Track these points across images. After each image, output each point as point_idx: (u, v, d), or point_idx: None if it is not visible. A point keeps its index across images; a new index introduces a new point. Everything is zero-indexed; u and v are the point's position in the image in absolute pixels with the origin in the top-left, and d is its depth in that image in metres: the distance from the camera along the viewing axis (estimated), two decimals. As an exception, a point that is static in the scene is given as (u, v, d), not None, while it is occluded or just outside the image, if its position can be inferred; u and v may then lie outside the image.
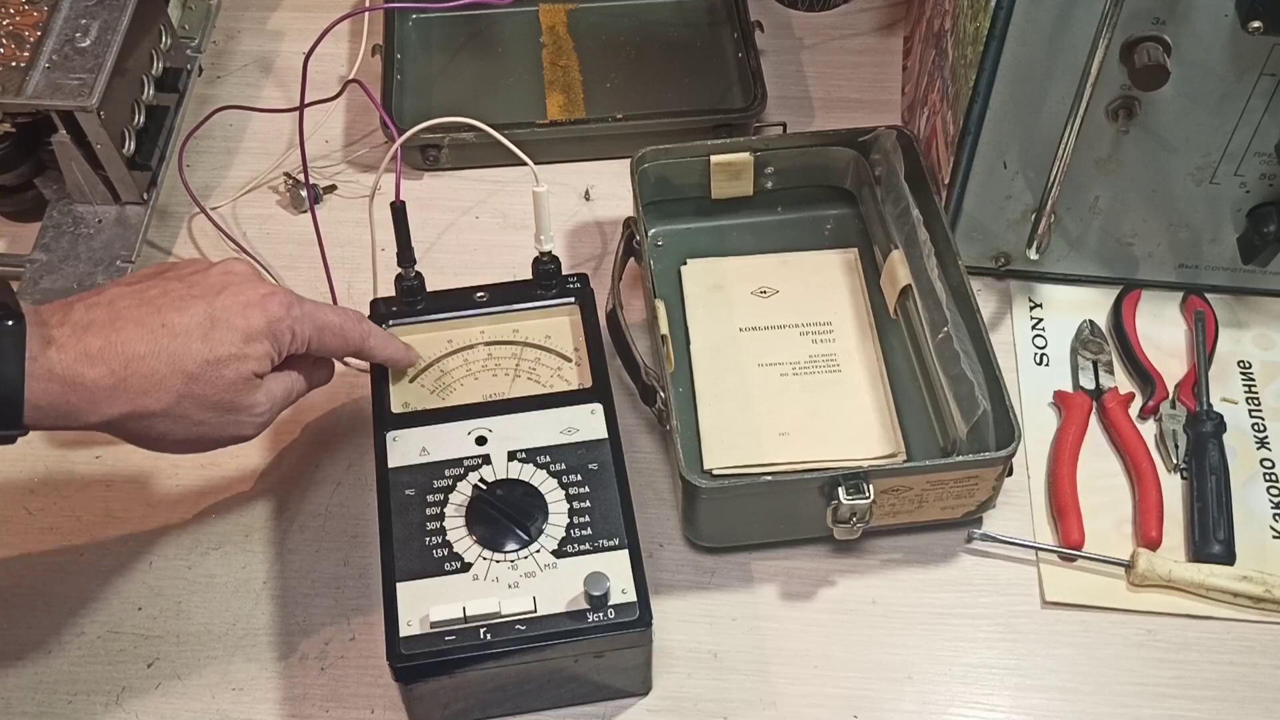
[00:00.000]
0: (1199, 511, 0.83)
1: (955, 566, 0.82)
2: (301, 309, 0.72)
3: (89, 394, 0.65)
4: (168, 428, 0.69)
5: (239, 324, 0.69)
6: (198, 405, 0.69)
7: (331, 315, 0.75)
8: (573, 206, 1.02)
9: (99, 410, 0.66)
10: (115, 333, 0.66)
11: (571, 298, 0.84)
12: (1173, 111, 0.83)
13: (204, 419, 0.70)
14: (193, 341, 0.68)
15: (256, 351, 0.70)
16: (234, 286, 0.71)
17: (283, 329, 0.71)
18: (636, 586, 0.71)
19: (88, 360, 0.65)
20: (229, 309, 0.69)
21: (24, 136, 0.92)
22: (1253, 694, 0.77)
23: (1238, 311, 0.94)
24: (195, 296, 0.69)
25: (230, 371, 0.69)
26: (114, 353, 0.66)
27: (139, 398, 0.67)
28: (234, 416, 0.71)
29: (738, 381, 0.89)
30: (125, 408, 0.66)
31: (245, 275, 0.72)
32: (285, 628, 0.79)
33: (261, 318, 0.70)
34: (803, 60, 1.12)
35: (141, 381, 0.66)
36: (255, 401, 0.71)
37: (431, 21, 1.13)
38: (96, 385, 0.65)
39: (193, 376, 0.68)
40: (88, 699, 0.77)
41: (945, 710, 0.77)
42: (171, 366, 0.67)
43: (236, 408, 0.70)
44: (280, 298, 0.71)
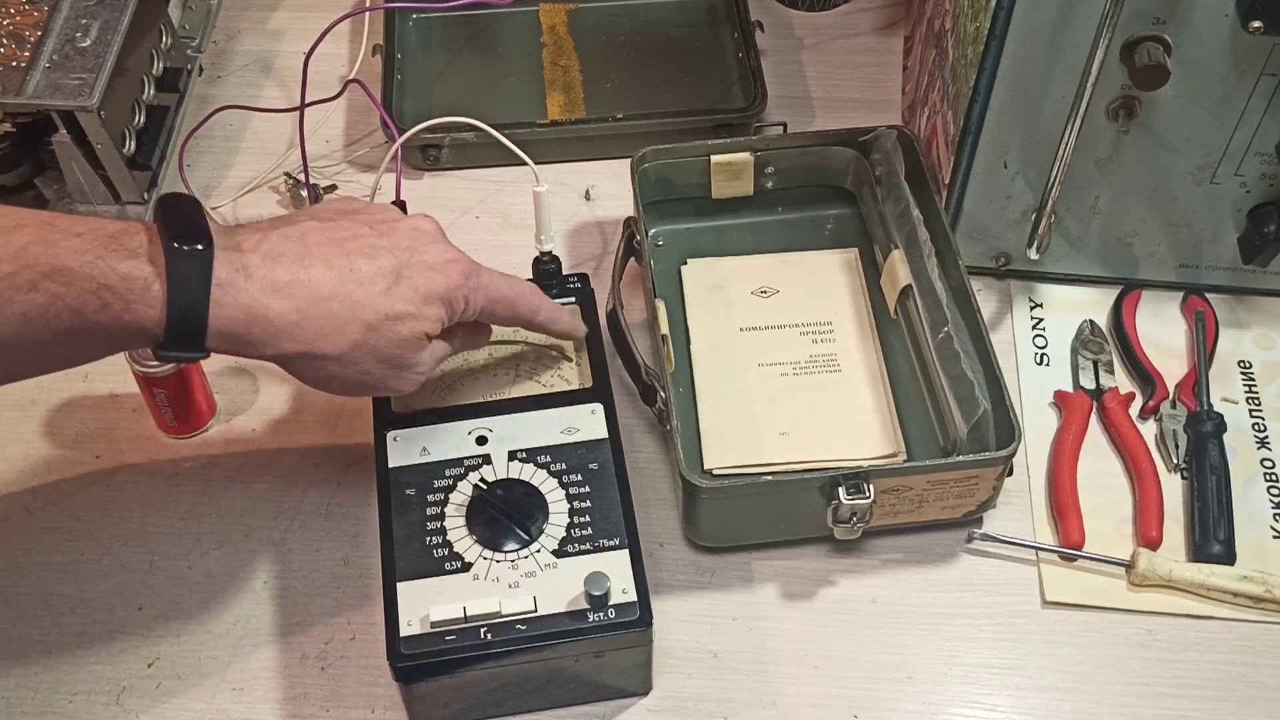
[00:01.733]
0: (1199, 511, 0.83)
1: (955, 566, 0.82)
2: (479, 279, 0.73)
3: (271, 327, 0.65)
4: (337, 371, 0.69)
5: (421, 284, 0.70)
6: (369, 355, 0.69)
7: (506, 288, 0.75)
8: (573, 206, 1.02)
9: (277, 344, 0.66)
10: (304, 269, 0.66)
11: (572, 297, 0.84)
12: (1173, 111, 0.83)
13: (371, 369, 0.70)
14: (376, 293, 0.68)
15: (432, 314, 0.70)
16: (421, 245, 0.71)
17: (459, 297, 0.72)
18: (637, 586, 0.71)
19: (274, 292, 0.65)
20: (414, 267, 0.70)
21: (24, 136, 0.92)
22: (1253, 694, 0.77)
23: (1238, 311, 0.94)
24: (384, 248, 0.69)
25: (405, 328, 0.69)
26: (300, 289, 0.66)
27: (317, 339, 0.67)
28: (398, 371, 0.71)
29: (738, 381, 0.89)
30: (302, 346, 0.67)
31: (433, 235, 0.73)
32: (285, 628, 0.79)
33: (443, 282, 0.71)
34: (803, 60, 1.12)
35: (322, 323, 0.67)
36: (420, 360, 0.72)
37: (432, 21, 1.13)
38: (280, 320, 0.65)
39: (370, 327, 0.68)
40: (88, 699, 0.77)
41: (945, 710, 0.77)
42: (353, 313, 0.67)
43: (404, 363, 0.71)
44: (461, 265, 0.72)
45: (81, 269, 0.61)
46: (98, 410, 0.89)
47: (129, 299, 0.62)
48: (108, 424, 0.88)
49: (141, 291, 0.62)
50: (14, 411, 0.89)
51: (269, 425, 0.88)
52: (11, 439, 0.88)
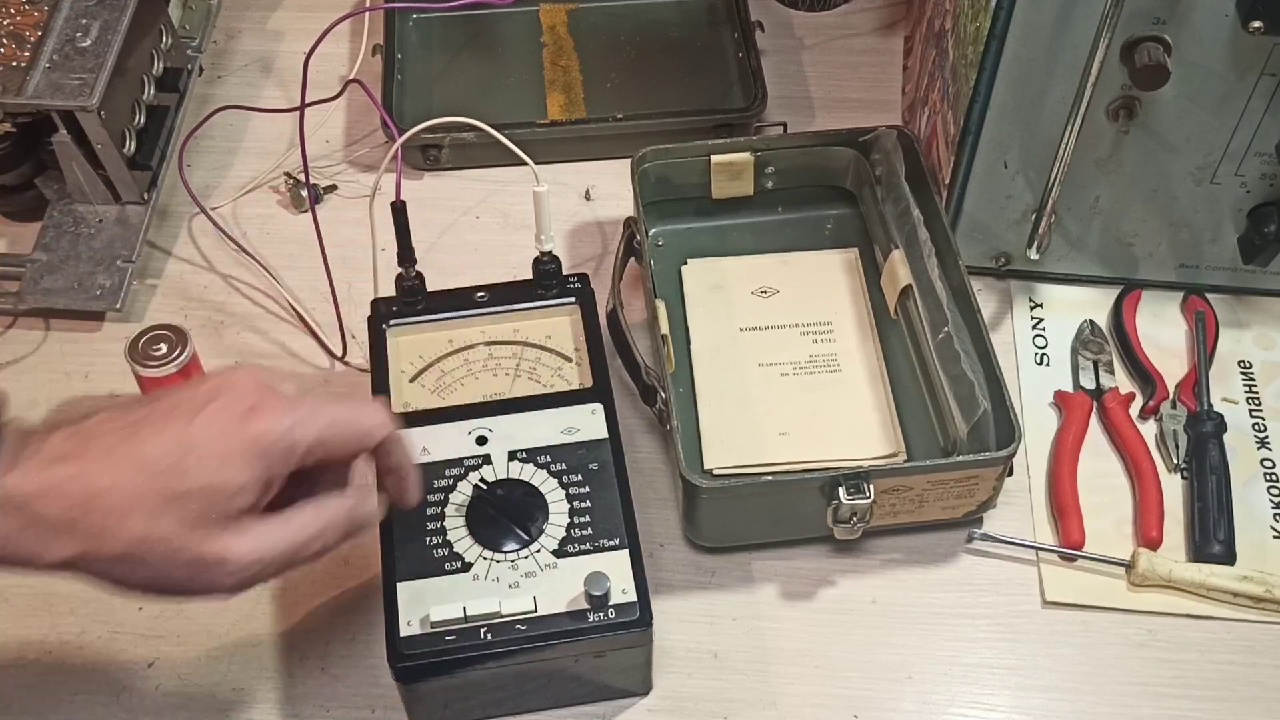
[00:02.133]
0: (1199, 511, 0.83)
1: (955, 566, 0.82)
2: (298, 411, 0.60)
3: (43, 532, 0.57)
4: (127, 572, 0.59)
5: (216, 447, 0.58)
6: (157, 550, 0.58)
7: (340, 407, 0.63)
8: (573, 206, 1.02)
9: (52, 549, 0.57)
10: (82, 462, 0.58)
11: (572, 298, 0.84)
12: (1173, 111, 0.83)
13: (167, 569, 0.58)
14: (158, 474, 0.57)
15: (235, 481, 0.58)
16: (219, 400, 0.59)
17: (274, 445, 0.59)
18: (637, 586, 0.71)
19: (45, 494, 0.57)
20: (207, 430, 0.58)
21: (24, 136, 0.92)
22: (1253, 694, 0.77)
23: (1238, 311, 0.94)
24: (173, 418, 0.59)
25: (195, 510, 0.58)
26: (76, 486, 0.57)
27: (94, 538, 0.57)
28: (201, 570, 0.59)
29: (738, 381, 0.89)
30: (79, 548, 0.57)
31: (240, 386, 0.60)
32: (285, 627, 0.79)
33: (244, 435, 0.58)
34: (803, 60, 1.12)
35: (99, 519, 0.57)
36: (227, 554, 0.59)
37: (432, 21, 1.13)
38: (53, 521, 0.57)
39: (154, 517, 0.57)
40: (88, 699, 0.77)
41: (945, 710, 0.77)
42: (132, 504, 0.57)
43: (200, 560, 0.58)
44: (273, 405, 0.60)
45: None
46: (98, 410, 0.89)
47: None
48: (108, 424, 0.88)
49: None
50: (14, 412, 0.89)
51: (269, 425, 0.88)
52: (11, 439, 0.87)
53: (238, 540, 0.59)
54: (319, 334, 0.93)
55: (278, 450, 0.59)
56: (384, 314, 0.83)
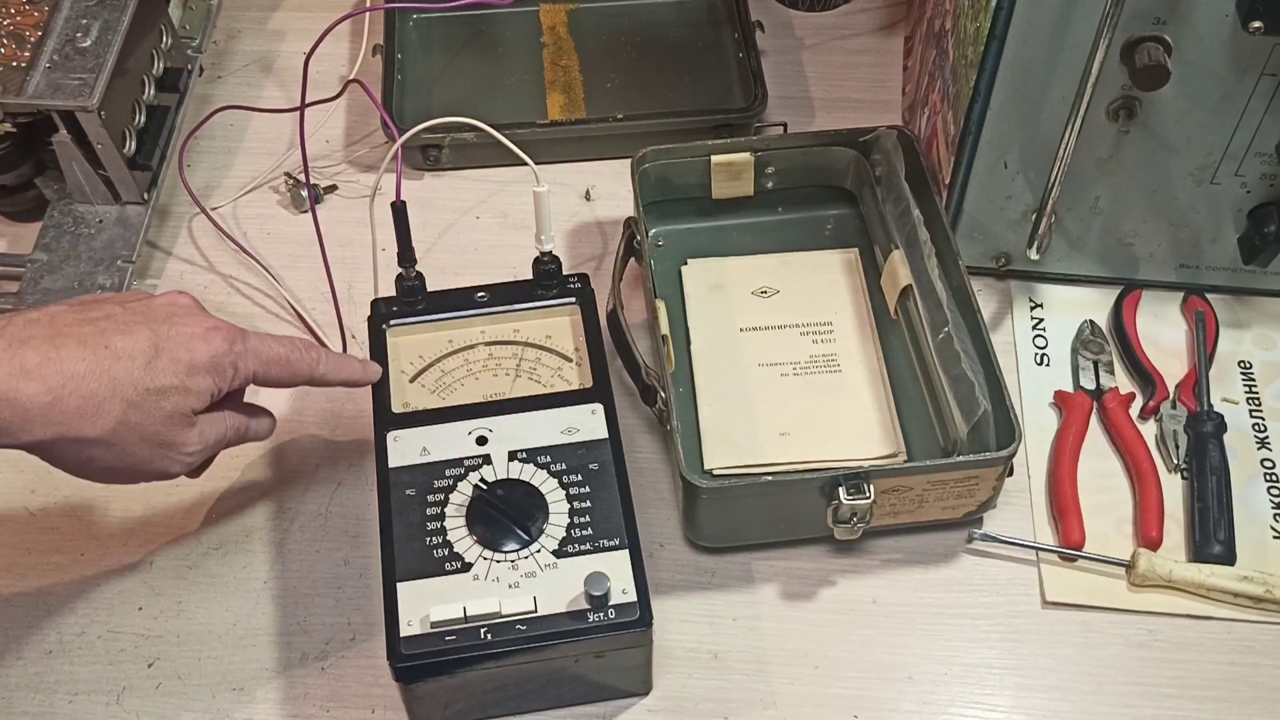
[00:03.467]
0: (1199, 512, 0.83)
1: (955, 566, 0.82)
2: (245, 344, 0.71)
3: (23, 411, 0.62)
4: (99, 454, 0.66)
5: (183, 355, 0.67)
6: (132, 434, 0.66)
7: (277, 347, 0.73)
8: (573, 206, 1.02)
9: (30, 430, 0.63)
10: (55, 349, 0.63)
11: (572, 298, 0.84)
12: (1173, 111, 0.83)
13: (135, 450, 0.67)
14: (135, 367, 0.65)
15: (198, 386, 0.68)
16: (179, 317, 0.69)
17: (225, 364, 0.69)
18: (637, 586, 0.71)
19: (24, 375, 0.62)
20: (173, 339, 0.67)
21: (25, 136, 0.92)
22: (1253, 694, 0.77)
23: (1238, 311, 0.94)
24: (139, 323, 0.67)
25: (169, 404, 0.67)
26: (52, 369, 0.63)
27: (75, 420, 0.64)
28: (164, 452, 0.68)
29: (738, 381, 0.89)
30: (58, 430, 0.63)
31: (190, 307, 0.70)
32: (285, 628, 0.79)
33: (205, 351, 0.68)
34: (803, 60, 1.12)
35: (79, 403, 0.63)
36: (188, 440, 0.69)
37: (432, 21, 1.13)
38: (31, 402, 0.62)
39: (132, 404, 0.65)
40: (88, 699, 0.77)
41: (945, 710, 0.77)
42: (112, 390, 0.64)
43: (169, 442, 0.68)
44: (224, 332, 0.70)
45: None
46: None
47: None
48: (108, 424, 0.88)
49: None
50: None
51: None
52: (12, 439, 0.88)
53: (191, 430, 0.69)
54: (319, 334, 0.93)
55: (226, 371, 0.70)
56: (384, 314, 0.83)
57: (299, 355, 0.74)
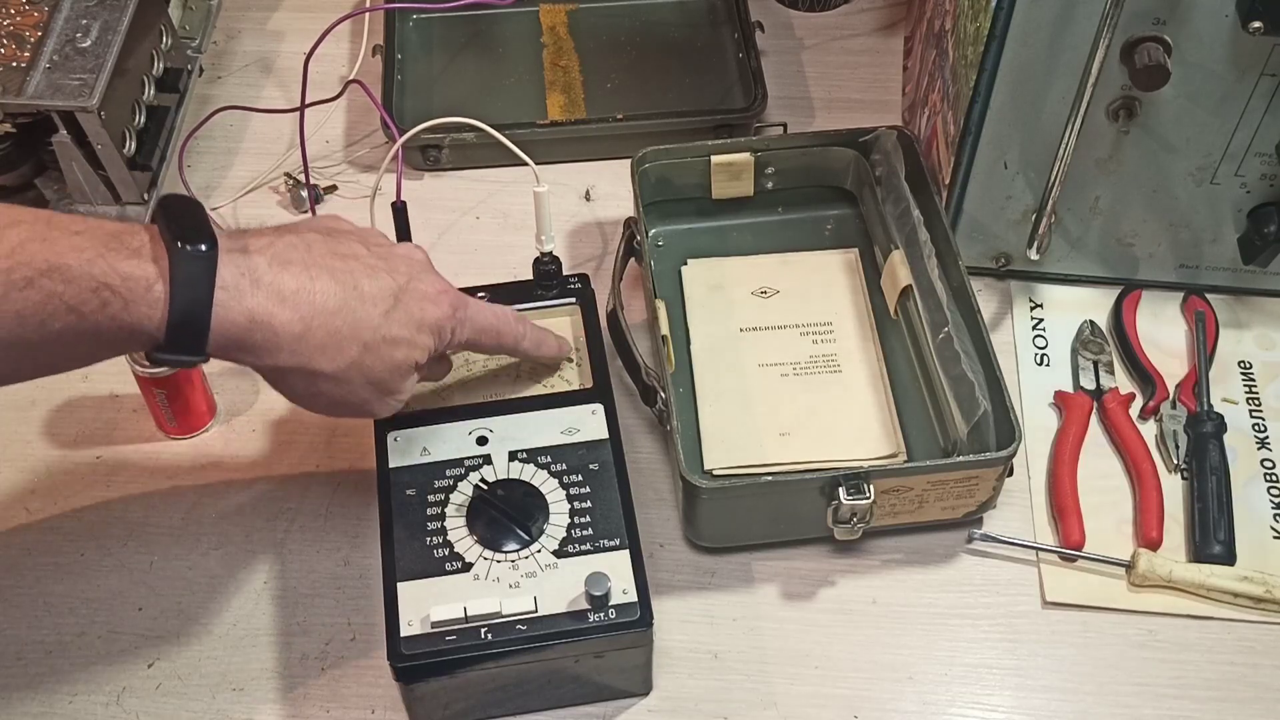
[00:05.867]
0: (1199, 512, 0.83)
1: (955, 567, 0.82)
2: (466, 311, 0.73)
3: (275, 337, 0.64)
4: (328, 388, 0.68)
5: (416, 312, 0.70)
6: (361, 375, 0.68)
7: (490, 318, 0.75)
8: (573, 207, 1.02)
9: (277, 355, 0.65)
10: (310, 279, 0.65)
11: (572, 298, 0.84)
12: (1173, 112, 0.83)
13: (360, 390, 0.69)
14: (376, 314, 0.67)
15: (423, 342, 0.70)
16: (416, 273, 0.71)
17: (448, 328, 0.72)
18: (637, 586, 0.71)
19: (280, 300, 0.64)
20: (411, 294, 0.70)
21: (25, 137, 0.92)
22: (1253, 694, 0.77)
23: (1238, 312, 0.94)
24: (384, 270, 0.69)
25: (400, 354, 0.69)
26: (306, 299, 0.65)
27: (316, 353, 0.66)
28: (382, 396, 0.71)
29: (738, 382, 0.89)
30: (301, 360, 0.66)
31: (424, 264, 0.73)
32: (285, 628, 0.79)
33: (435, 312, 0.71)
34: (803, 60, 1.12)
35: (324, 337, 0.66)
36: (404, 387, 0.72)
37: (432, 21, 1.13)
38: (285, 330, 0.64)
39: (368, 347, 0.67)
40: (88, 699, 0.77)
41: (945, 710, 0.77)
42: (354, 330, 0.67)
43: (389, 389, 0.71)
44: (451, 297, 0.72)
45: (81, 267, 0.60)
46: (98, 410, 0.89)
47: (129, 299, 0.61)
48: (108, 424, 0.88)
49: (143, 291, 0.61)
50: (14, 412, 0.89)
51: (269, 425, 0.88)
52: (11, 439, 0.88)
53: (409, 380, 0.72)
54: (319, 334, 0.93)
55: (445, 336, 0.72)
56: (384, 314, 0.83)
57: (509, 328, 0.76)
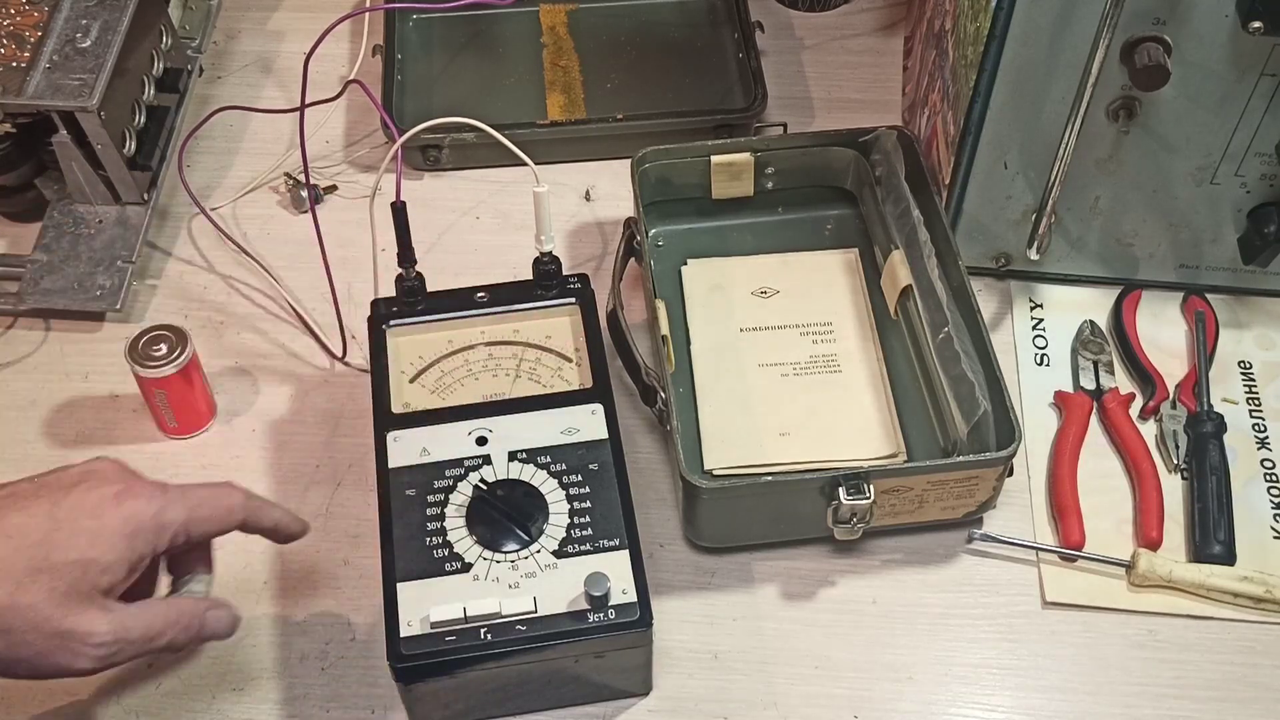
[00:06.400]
0: (1199, 512, 0.83)
1: (956, 567, 0.82)
2: (166, 495, 0.63)
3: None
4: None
5: (87, 524, 0.60)
6: (21, 620, 0.59)
7: (202, 489, 0.66)
8: (573, 207, 1.02)
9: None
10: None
11: (572, 298, 0.84)
12: (1173, 112, 0.83)
13: (27, 639, 0.59)
14: (27, 545, 0.59)
15: (106, 557, 0.60)
16: (88, 483, 0.62)
17: (145, 523, 0.62)
18: (637, 587, 0.71)
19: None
20: (77, 507, 0.60)
21: (25, 137, 0.92)
22: (1253, 694, 0.77)
23: (1238, 312, 0.94)
24: (41, 496, 0.61)
25: (62, 583, 0.59)
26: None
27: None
28: (65, 643, 0.60)
29: (738, 382, 0.89)
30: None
31: (107, 472, 0.63)
32: (285, 628, 0.79)
33: (116, 514, 0.61)
34: (803, 60, 1.12)
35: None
36: (93, 628, 0.60)
37: (432, 22, 1.13)
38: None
39: (21, 586, 0.58)
40: (88, 699, 0.77)
41: (945, 710, 0.77)
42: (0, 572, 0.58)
43: (67, 631, 0.60)
44: (141, 489, 0.63)
45: None
46: (98, 410, 0.89)
47: None
48: (108, 424, 0.88)
49: None
50: (14, 412, 0.89)
51: (269, 425, 0.88)
52: (12, 440, 0.88)
53: (102, 616, 0.61)
54: (319, 334, 0.93)
55: (148, 531, 0.62)
56: (384, 314, 0.83)
57: (224, 491, 0.67)
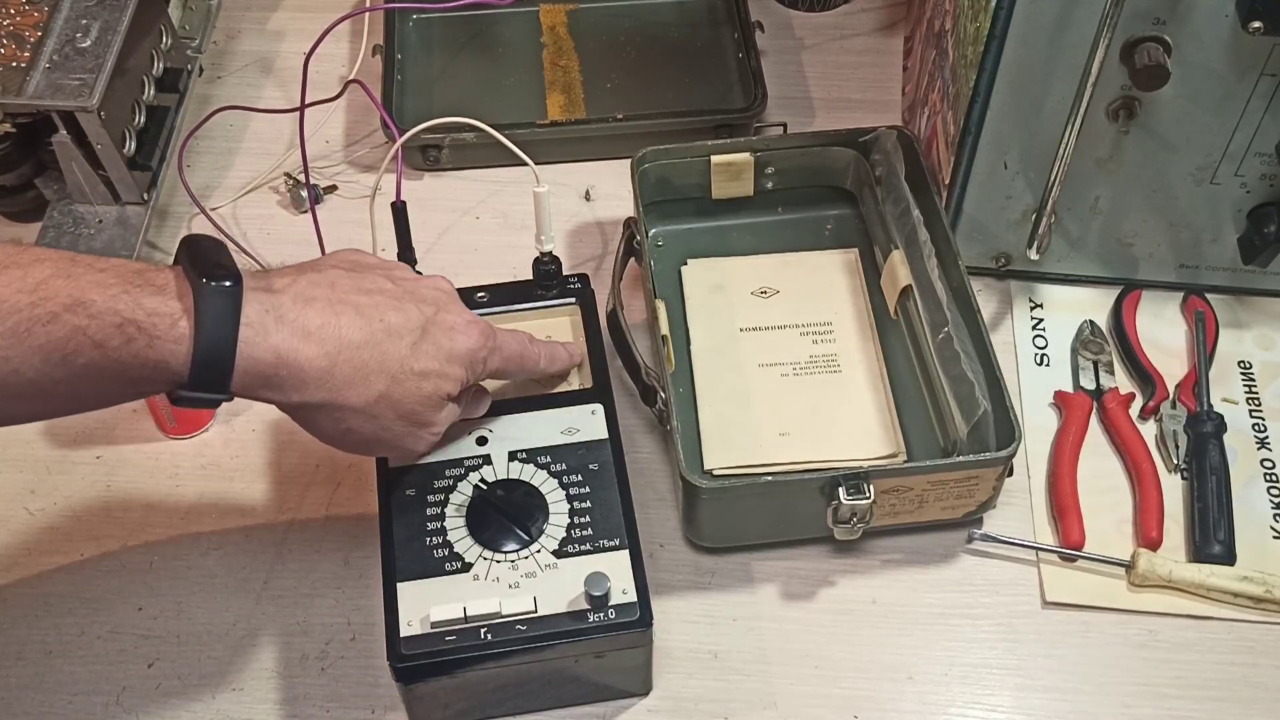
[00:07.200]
0: (1199, 512, 0.83)
1: (955, 567, 0.82)
2: (495, 341, 0.73)
3: (300, 372, 0.64)
4: (358, 424, 0.68)
5: (445, 343, 0.69)
6: (391, 409, 0.68)
7: (515, 345, 0.75)
8: (573, 207, 1.02)
9: (304, 391, 0.64)
10: (335, 315, 0.65)
11: (572, 298, 0.84)
12: (1173, 112, 0.83)
13: (391, 424, 0.69)
14: (403, 346, 0.67)
15: (454, 373, 0.70)
16: (444, 305, 0.71)
17: (479, 358, 0.72)
18: (637, 587, 0.71)
19: (306, 337, 0.64)
20: (438, 326, 0.69)
21: (25, 137, 0.92)
22: (1253, 694, 0.77)
23: (1238, 312, 0.94)
24: (410, 303, 0.69)
25: (430, 385, 0.69)
26: (331, 334, 0.65)
27: (344, 388, 0.65)
28: (415, 430, 0.71)
29: (738, 382, 0.89)
30: (328, 395, 0.65)
31: (452, 295, 0.73)
32: (285, 628, 0.79)
33: (465, 343, 0.70)
34: (803, 60, 1.12)
35: (351, 371, 0.65)
36: (438, 420, 0.71)
37: (432, 21, 1.13)
38: (310, 365, 0.64)
39: (396, 379, 0.67)
40: (88, 699, 0.77)
41: (945, 710, 0.77)
42: (381, 364, 0.66)
43: (422, 422, 0.70)
44: (481, 328, 0.72)
45: (105, 302, 0.59)
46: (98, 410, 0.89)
47: (154, 334, 0.60)
48: (108, 424, 0.88)
49: (168, 327, 0.60)
50: (14, 412, 0.89)
51: (269, 425, 0.88)
52: (11, 439, 0.87)
53: (442, 413, 0.72)
54: (319, 334, 0.93)
55: (477, 366, 0.72)
56: (384, 314, 0.83)
57: (530, 351, 0.77)
